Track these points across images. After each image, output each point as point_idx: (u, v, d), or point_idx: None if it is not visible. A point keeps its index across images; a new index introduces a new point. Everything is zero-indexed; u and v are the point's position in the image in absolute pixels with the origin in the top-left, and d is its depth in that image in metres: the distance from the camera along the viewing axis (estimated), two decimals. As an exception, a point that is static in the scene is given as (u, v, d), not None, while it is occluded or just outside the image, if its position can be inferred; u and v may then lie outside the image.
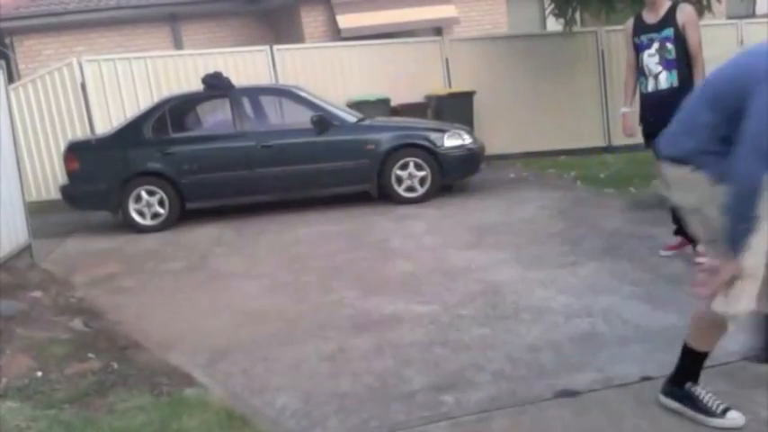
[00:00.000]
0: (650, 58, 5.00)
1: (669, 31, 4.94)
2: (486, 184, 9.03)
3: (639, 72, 5.11)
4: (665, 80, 4.96)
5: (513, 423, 2.94)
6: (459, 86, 11.16)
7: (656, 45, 4.97)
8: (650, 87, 5.04)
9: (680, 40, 4.93)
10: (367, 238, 6.69)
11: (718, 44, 10.61)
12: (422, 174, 8.23)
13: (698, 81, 4.76)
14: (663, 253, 5.23)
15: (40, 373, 3.87)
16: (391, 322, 4.30)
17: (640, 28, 5.10)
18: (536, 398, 3.14)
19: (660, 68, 4.98)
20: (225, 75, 8.65)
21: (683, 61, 4.95)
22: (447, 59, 11.60)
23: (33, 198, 9.32)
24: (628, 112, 5.28)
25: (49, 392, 3.62)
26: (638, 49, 5.09)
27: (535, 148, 11.36)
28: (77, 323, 4.81)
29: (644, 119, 5.15)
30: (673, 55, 4.94)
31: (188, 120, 8.76)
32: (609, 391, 3.16)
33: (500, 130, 11.16)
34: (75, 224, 8.67)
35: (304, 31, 12.92)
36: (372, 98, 10.29)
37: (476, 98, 10.88)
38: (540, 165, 10.42)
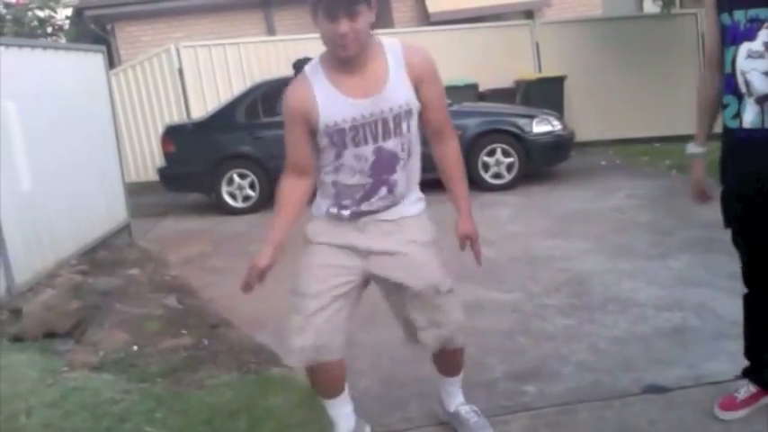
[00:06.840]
0: (750, 62, 2.37)
1: None
2: (575, 172, 8.84)
3: (726, 84, 2.49)
4: None
5: (596, 417, 2.88)
6: (549, 71, 10.93)
7: (764, 33, 2.32)
8: (750, 121, 2.43)
9: None
10: (450, 224, 6.64)
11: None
12: (509, 160, 8.13)
13: None
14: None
15: (135, 348, 4.05)
16: (473, 310, 4.25)
17: None
18: (622, 392, 3.06)
19: None
20: (315, 60, 8.77)
21: None
22: (537, 43, 11.38)
23: (132, 179, 9.74)
24: (700, 153, 2.80)
25: (142, 366, 3.78)
26: (727, 38, 2.44)
27: (628, 134, 11.04)
28: (171, 300, 4.99)
29: (734, 172, 2.61)
30: None
31: (279, 104, 8.90)
32: (699, 388, 3.04)
33: (592, 115, 10.90)
34: (170, 205, 9.01)
35: (393, 15, 12.92)
36: (460, 83, 10.20)
37: (567, 83, 10.64)
38: (632, 152, 10.11)
